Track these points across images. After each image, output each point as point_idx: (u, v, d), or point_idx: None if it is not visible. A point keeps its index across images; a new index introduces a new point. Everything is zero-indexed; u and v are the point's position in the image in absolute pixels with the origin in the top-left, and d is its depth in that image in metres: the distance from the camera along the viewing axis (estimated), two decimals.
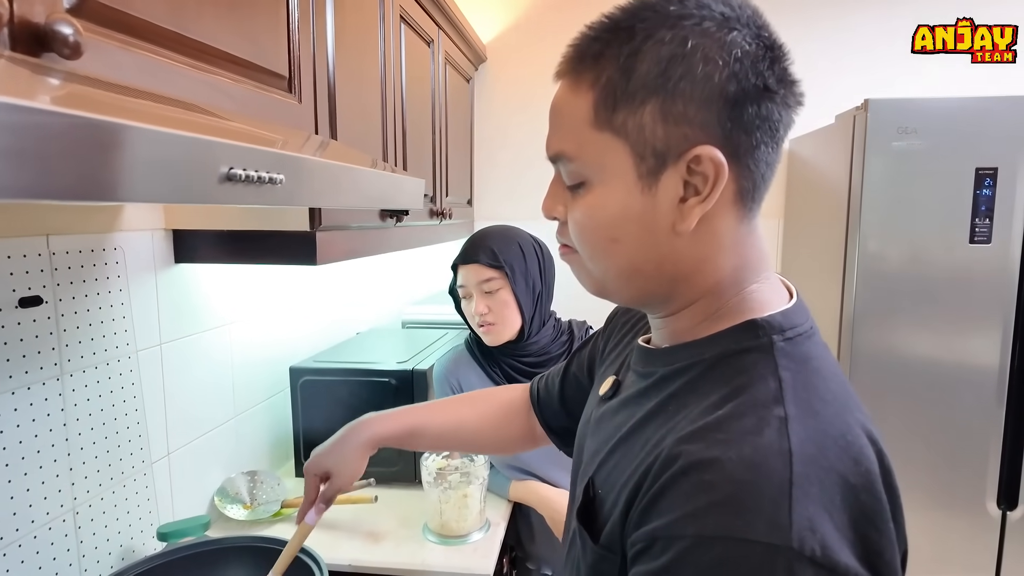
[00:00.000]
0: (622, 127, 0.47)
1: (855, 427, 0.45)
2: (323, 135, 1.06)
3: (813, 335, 0.51)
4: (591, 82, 0.47)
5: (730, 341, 0.49)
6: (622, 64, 0.46)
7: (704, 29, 0.45)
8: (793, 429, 0.42)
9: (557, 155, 0.51)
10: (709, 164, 0.45)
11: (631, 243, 0.49)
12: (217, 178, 0.45)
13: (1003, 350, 1.63)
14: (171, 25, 0.68)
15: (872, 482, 0.43)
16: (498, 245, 1.28)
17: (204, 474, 1.26)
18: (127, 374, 1.02)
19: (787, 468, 0.40)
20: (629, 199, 0.48)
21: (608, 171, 0.48)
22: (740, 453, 0.41)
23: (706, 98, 0.45)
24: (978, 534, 1.68)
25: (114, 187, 0.38)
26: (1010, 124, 1.57)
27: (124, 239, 1.02)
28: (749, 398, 0.45)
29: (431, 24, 1.72)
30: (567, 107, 0.49)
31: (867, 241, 1.66)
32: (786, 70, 0.47)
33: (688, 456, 0.43)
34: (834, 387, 0.48)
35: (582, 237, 0.51)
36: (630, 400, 0.56)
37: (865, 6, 2.17)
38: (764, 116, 0.46)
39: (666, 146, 0.46)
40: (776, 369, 0.46)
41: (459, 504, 1.20)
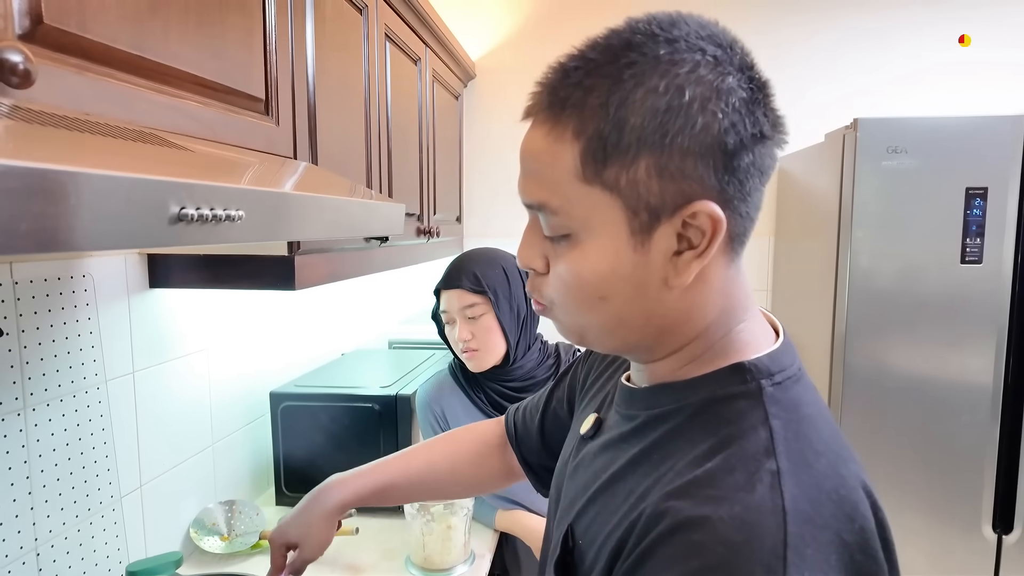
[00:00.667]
0: (615, 183, 0.43)
1: (849, 480, 0.43)
2: (303, 158, 1.03)
3: (802, 377, 0.49)
4: (575, 131, 0.44)
5: (716, 386, 0.47)
6: (613, 116, 0.42)
7: (699, 76, 0.42)
8: (786, 484, 0.40)
9: (538, 205, 0.47)
10: (706, 219, 0.43)
11: (620, 300, 0.46)
12: (167, 219, 0.42)
13: (996, 371, 1.61)
14: (132, 48, 0.65)
15: (867, 540, 0.41)
16: (481, 269, 1.25)
17: (179, 506, 1.22)
18: (95, 405, 0.99)
19: (781, 528, 0.38)
20: (620, 257, 0.45)
21: (598, 227, 0.45)
22: (731, 512, 0.39)
23: (704, 151, 0.42)
24: (974, 558, 1.66)
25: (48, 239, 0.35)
26: (1000, 144, 1.56)
27: (95, 265, 0.99)
28: (739, 450, 0.43)
29: (418, 42, 1.71)
30: (547, 156, 0.45)
31: (859, 259, 1.64)
32: (775, 111, 0.45)
33: (676, 514, 0.41)
34: (826, 436, 0.45)
35: (567, 294, 0.48)
36: (611, 443, 0.53)
37: (855, 25, 2.17)
38: (759, 164, 0.44)
39: (661, 201, 0.43)
40: (766, 418, 0.44)
41: (443, 536, 1.17)
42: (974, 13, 2.10)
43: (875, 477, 1.62)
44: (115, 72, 0.64)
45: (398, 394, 1.35)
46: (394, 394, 1.35)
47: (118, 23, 0.63)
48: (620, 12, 0.49)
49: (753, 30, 2.21)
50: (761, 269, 2.31)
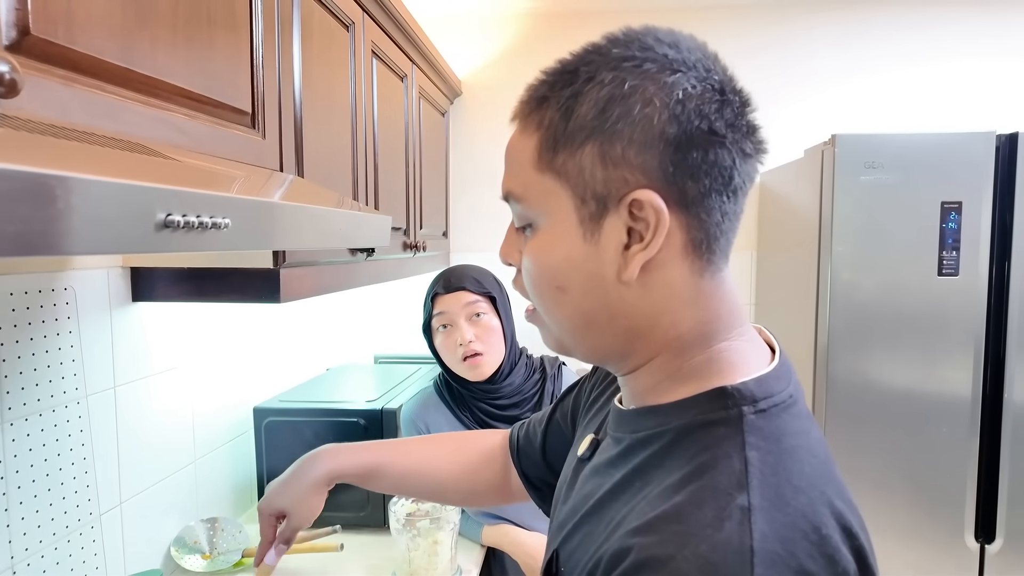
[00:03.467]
0: (563, 168, 0.45)
1: (831, 519, 0.40)
2: (289, 172, 1.03)
3: (792, 405, 0.46)
4: (536, 124, 0.47)
5: (697, 411, 0.45)
6: (563, 106, 0.45)
7: (644, 71, 0.43)
8: (756, 523, 0.38)
9: (507, 195, 0.50)
10: (650, 210, 0.43)
11: (577, 292, 0.47)
12: (153, 225, 0.42)
13: (975, 381, 1.64)
14: (120, 61, 0.66)
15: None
16: (479, 275, 1.29)
17: (160, 523, 1.19)
18: (75, 420, 0.97)
19: (747, 570, 0.36)
20: (572, 245, 0.46)
21: (552, 214, 0.47)
22: (696, 551, 0.37)
23: (646, 140, 0.43)
24: (958, 568, 1.67)
25: (34, 243, 0.35)
26: (973, 159, 1.60)
27: (76, 278, 0.98)
28: (710, 482, 0.41)
29: (404, 59, 1.72)
30: (516, 148, 0.49)
31: (839, 273, 1.67)
32: (739, 114, 0.45)
33: (640, 552, 0.39)
34: (809, 470, 0.43)
35: (532, 285, 0.50)
36: (601, 467, 0.53)
37: (833, 44, 2.23)
38: (712, 162, 0.43)
39: (606, 189, 0.44)
40: (743, 448, 0.42)
41: (429, 551, 1.15)
42: (949, 32, 2.17)
43: (858, 488, 1.62)
44: (103, 84, 0.64)
45: (384, 408, 1.35)
46: (380, 408, 1.35)
47: (106, 36, 0.64)
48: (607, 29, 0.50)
49: (732, 47, 2.26)
50: (744, 283, 2.34)
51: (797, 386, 0.49)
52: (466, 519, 1.30)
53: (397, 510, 1.18)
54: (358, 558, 1.25)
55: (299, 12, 1.07)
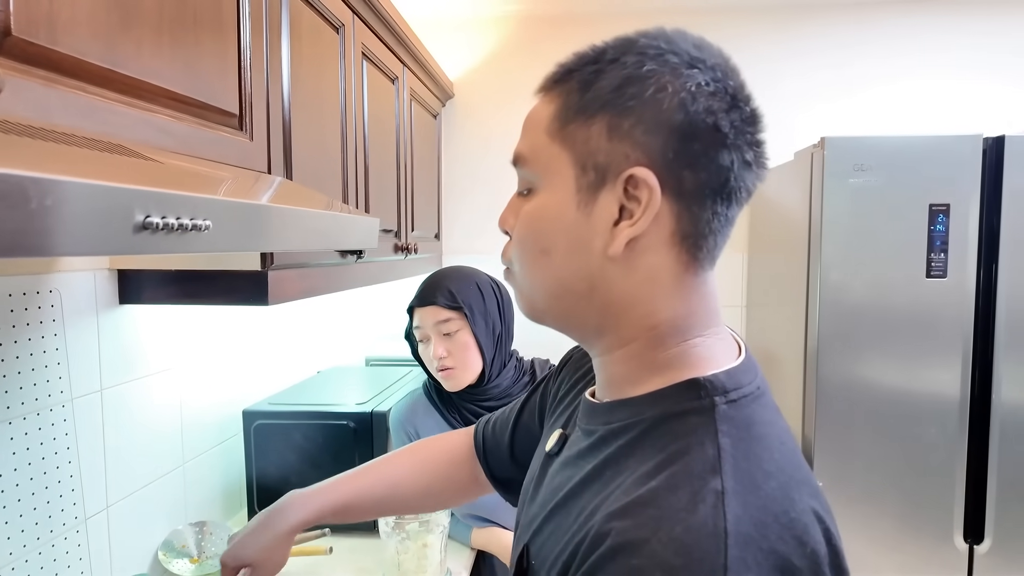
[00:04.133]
0: (570, 137, 0.47)
1: (800, 502, 0.42)
2: (277, 174, 1.03)
3: (760, 396, 0.48)
4: (557, 94, 0.49)
5: (671, 402, 0.46)
6: (585, 78, 0.47)
7: (665, 59, 0.46)
8: (730, 505, 0.39)
9: (516, 157, 0.52)
10: (644, 188, 0.45)
11: (560, 257, 0.48)
12: (131, 227, 0.42)
13: (963, 383, 1.65)
14: (103, 62, 0.65)
15: (818, 564, 0.40)
16: (455, 286, 1.24)
17: (147, 527, 1.19)
18: (60, 423, 0.96)
19: (721, 552, 0.37)
20: (565, 210, 0.48)
21: (552, 179, 0.48)
22: (671, 534, 0.38)
23: (653, 122, 0.45)
24: (946, 569, 1.67)
25: (9, 244, 0.35)
26: (960, 162, 1.61)
27: (62, 280, 0.97)
28: (684, 468, 0.42)
29: (395, 61, 1.72)
30: (534, 115, 0.51)
31: (828, 274, 1.68)
32: (747, 123, 0.47)
33: (617, 536, 0.40)
34: (779, 457, 0.44)
35: (518, 245, 0.51)
36: (571, 460, 0.53)
37: (823, 46, 2.24)
38: (711, 158, 0.45)
39: (607, 161, 0.46)
40: (716, 435, 0.43)
41: (418, 554, 1.15)
42: (937, 37, 2.19)
43: (847, 489, 1.63)
44: (85, 85, 0.64)
45: (374, 411, 1.34)
46: (369, 411, 1.34)
47: (89, 37, 0.64)
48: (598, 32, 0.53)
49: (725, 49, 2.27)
50: (735, 285, 2.35)
51: (763, 380, 0.51)
52: (455, 522, 1.30)
53: None
54: (347, 561, 1.25)
55: (288, 14, 1.07)
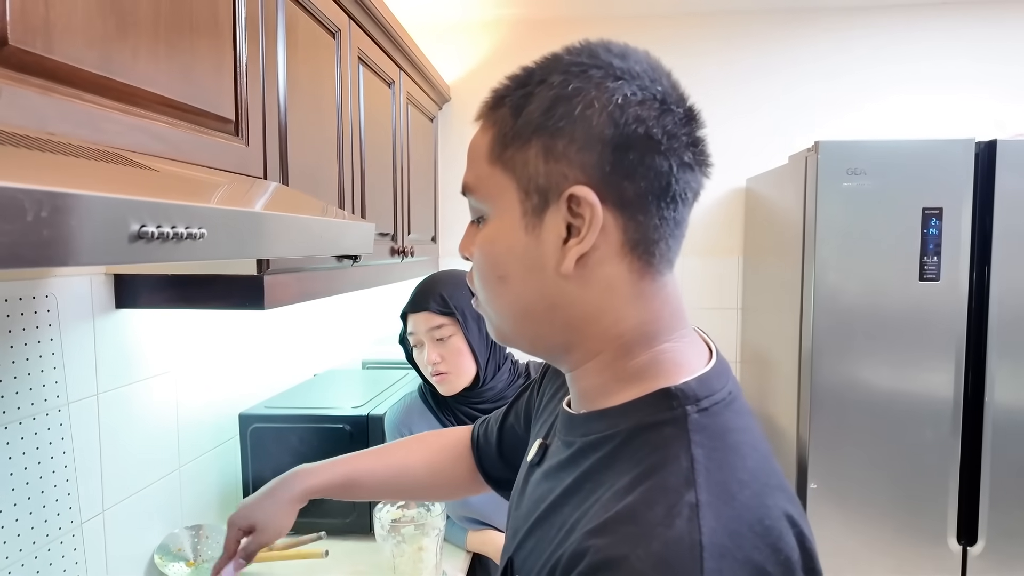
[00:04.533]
0: (510, 162, 0.48)
1: (774, 509, 0.43)
2: (273, 179, 1.03)
3: (733, 401, 0.48)
4: (492, 121, 0.50)
5: (643, 413, 0.47)
6: (515, 103, 0.48)
7: (588, 76, 0.47)
8: (704, 518, 0.40)
9: (464, 188, 0.53)
10: (586, 206, 0.46)
11: (518, 282, 0.49)
12: (127, 237, 0.42)
13: (956, 385, 1.66)
14: (99, 70, 0.66)
15: (791, 569, 0.41)
16: (448, 291, 1.24)
17: (143, 531, 1.19)
18: (56, 428, 0.97)
19: (697, 565, 0.38)
20: (515, 235, 0.49)
21: (499, 206, 0.50)
22: (648, 550, 0.39)
23: (586, 139, 0.46)
24: (940, 570, 1.68)
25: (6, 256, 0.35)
26: (953, 166, 1.63)
27: (58, 285, 0.98)
28: (660, 482, 0.43)
29: (392, 65, 1.73)
30: (474, 144, 0.52)
31: (823, 277, 1.69)
32: (680, 125, 0.47)
33: (596, 553, 0.41)
34: (752, 464, 0.45)
35: (478, 275, 0.53)
36: (552, 471, 0.54)
37: (817, 50, 2.26)
38: (648, 165, 0.46)
39: (548, 183, 0.47)
40: (689, 446, 0.44)
41: (414, 557, 1.16)
42: (929, 42, 2.20)
43: (842, 490, 1.65)
44: (81, 93, 0.64)
45: (370, 414, 1.35)
46: (365, 414, 1.35)
47: (85, 45, 0.64)
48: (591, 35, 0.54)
49: (718, 55, 2.28)
50: (731, 287, 2.36)
51: (735, 383, 0.51)
52: (451, 525, 1.30)
53: (382, 516, 1.18)
54: (343, 564, 1.25)
55: (284, 19, 1.07)
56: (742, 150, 2.27)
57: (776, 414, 1.95)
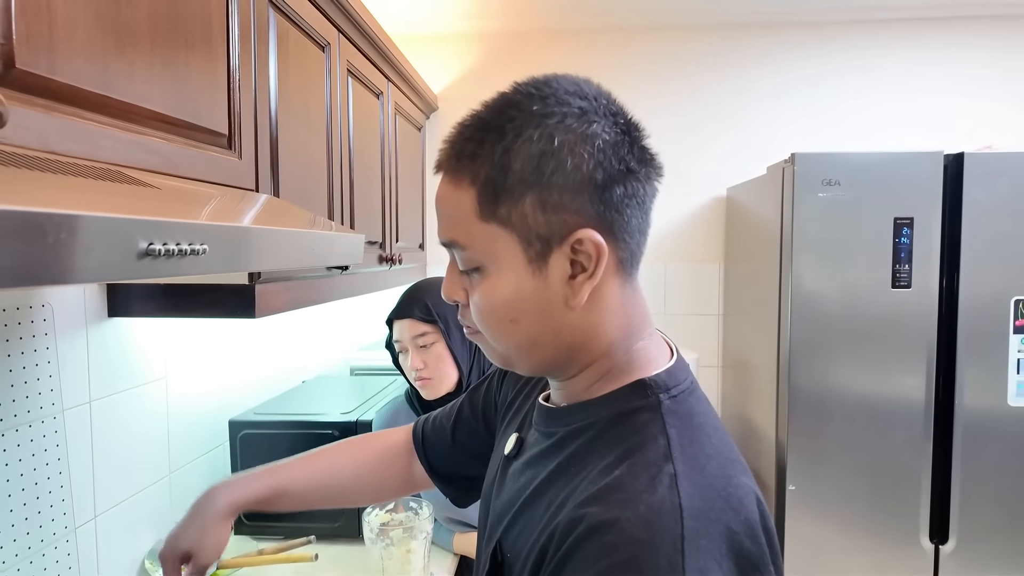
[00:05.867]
0: (507, 218, 0.51)
1: (736, 478, 0.49)
2: (265, 191, 1.06)
3: (694, 390, 0.55)
4: (471, 179, 0.51)
5: (622, 401, 0.53)
6: (497, 162, 0.50)
7: (567, 126, 0.49)
8: (682, 485, 0.46)
9: (450, 242, 0.54)
10: (591, 245, 0.50)
11: (529, 321, 0.53)
12: (135, 254, 0.45)
13: (928, 388, 1.72)
14: (98, 88, 0.68)
15: (753, 528, 0.47)
16: (432, 299, 1.27)
17: (134, 536, 1.20)
18: (51, 435, 0.98)
19: (678, 524, 0.44)
20: (522, 282, 0.52)
21: (500, 258, 0.52)
22: (637, 512, 0.45)
23: (577, 187, 0.49)
24: (913, 569, 1.74)
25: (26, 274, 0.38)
26: (922, 177, 1.69)
27: (53, 294, 1.00)
28: (642, 457, 0.49)
29: (380, 77, 1.76)
30: (452, 200, 0.53)
31: (800, 284, 1.74)
32: (644, 149, 0.52)
33: (590, 519, 0.46)
34: (715, 441, 0.52)
35: (483, 320, 0.55)
36: (533, 460, 0.59)
37: (795, 65, 2.32)
38: (631, 194, 0.51)
39: (549, 232, 0.50)
40: (664, 428, 0.51)
41: (402, 560, 1.18)
42: (901, 60, 2.27)
43: (819, 492, 1.69)
44: (81, 111, 0.67)
45: (358, 420, 1.37)
46: (354, 420, 1.37)
47: (85, 64, 0.67)
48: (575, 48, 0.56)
49: (699, 67, 2.34)
50: (712, 294, 2.41)
51: (693, 376, 0.57)
52: (437, 527, 1.33)
53: (371, 520, 1.21)
54: (332, 568, 1.27)
55: (275, 34, 1.10)
56: (723, 161, 2.33)
57: (755, 418, 1.99)
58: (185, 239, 0.50)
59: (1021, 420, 1.69)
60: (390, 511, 1.25)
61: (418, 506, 1.23)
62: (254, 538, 1.38)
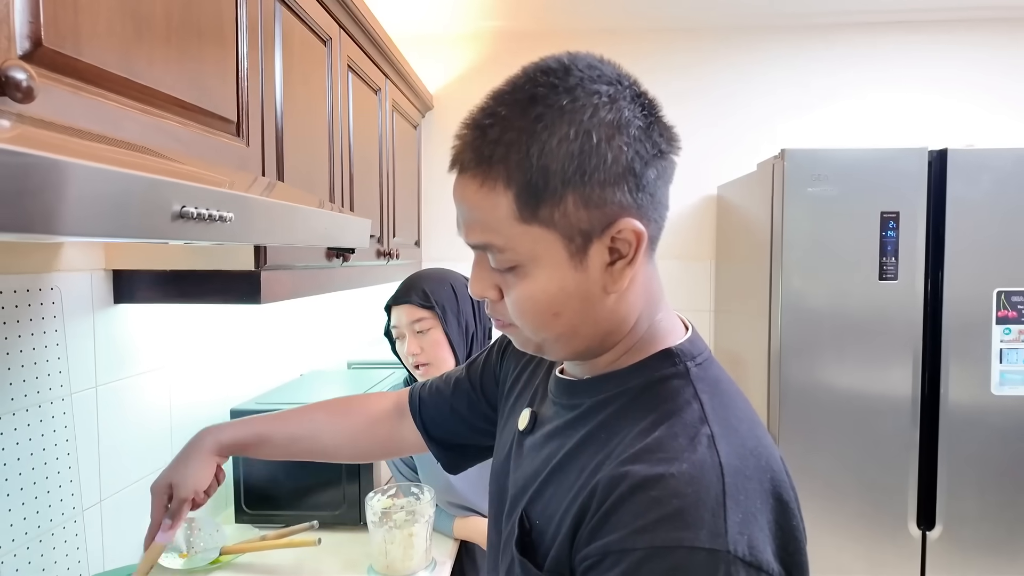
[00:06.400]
0: (549, 219, 0.50)
1: (763, 438, 0.53)
2: (270, 177, 1.08)
3: (713, 358, 0.59)
4: (506, 182, 0.50)
5: (651, 370, 0.56)
6: (536, 165, 0.49)
7: (601, 119, 0.49)
8: (720, 445, 0.49)
9: (484, 245, 0.53)
10: (630, 233, 0.51)
11: (570, 313, 0.54)
12: (170, 216, 0.48)
13: (914, 379, 1.76)
14: (121, 71, 0.71)
15: (781, 483, 0.50)
16: (430, 286, 1.31)
17: (138, 521, 1.21)
18: (60, 417, 1.00)
19: (720, 480, 0.47)
20: (565, 278, 0.52)
21: (542, 258, 0.52)
22: (681, 469, 0.47)
23: (617, 179, 0.50)
24: (902, 554, 1.78)
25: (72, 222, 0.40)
26: (908, 173, 1.74)
27: (61, 279, 1.01)
28: (679, 420, 0.51)
29: (378, 74, 1.79)
30: (485, 205, 0.51)
31: (789, 280, 1.78)
32: (668, 127, 0.53)
33: (634, 476, 0.48)
34: (741, 404, 0.55)
35: (524, 316, 0.54)
36: (557, 432, 0.60)
37: (785, 63, 2.37)
38: (661, 174, 0.53)
39: (591, 226, 0.51)
40: (696, 393, 0.53)
41: (405, 543, 1.20)
42: (888, 58, 2.34)
43: (810, 482, 1.73)
44: (106, 93, 0.69)
45: None
46: None
47: (107, 48, 0.69)
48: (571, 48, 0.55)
49: (692, 67, 2.39)
50: (704, 291, 2.45)
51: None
52: (438, 513, 1.35)
53: (373, 504, 1.23)
54: (334, 554, 1.29)
55: (281, 27, 1.13)
56: (714, 159, 2.38)
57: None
58: (215, 205, 0.52)
59: (1004, 409, 1.74)
60: (392, 496, 1.27)
61: (420, 491, 1.25)
62: (256, 526, 1.39)
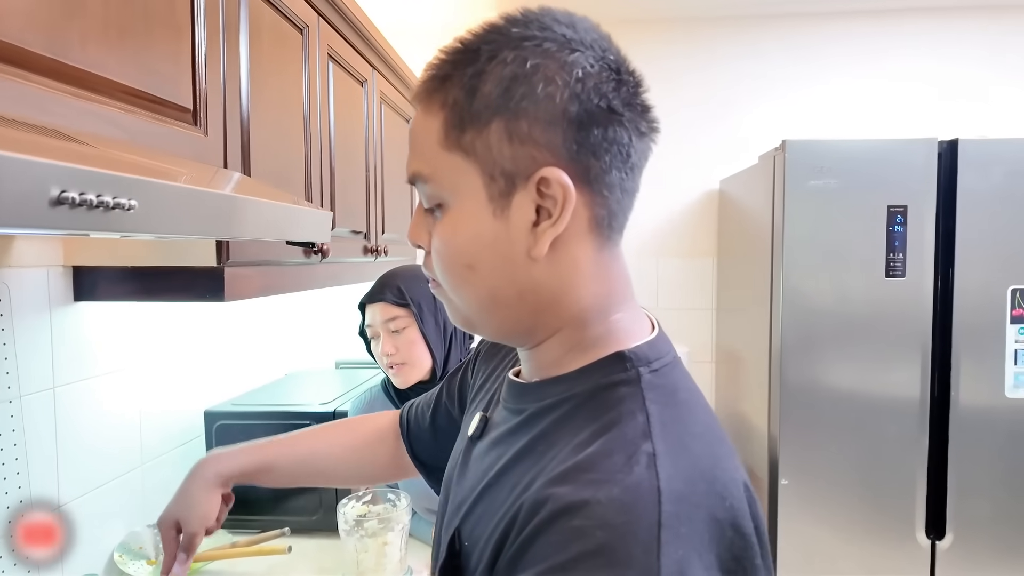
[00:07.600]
0: (471, 147, 0.46)
1: (724, 460, 0.45)
2: (234, 170, 1.03)
3: (678, 365, 0.51)
4: (440, 103, 0.47)
5: (599, 375, 0.48)
6: (467, 84, 0.46)
7: (545, 50, 0.45)
8: (662, 465, 0.41)
9: (414, 176, 0.50)
10: (558, 187, 0.45)
11: (487, 269, 0.48)
12: (47, 202, 0.42)
13: (923, 381, 1.68)
14: (47, 52, 0.66)
15: (739, 517, 0.42)
16: (406, 283, 1.26)
17: (102, 528, 1.17)
18: (7, 420, 0.95)
19: (656, 508, 0.39)
20: (481, 223, 0.47)
21: (460, 192, 0.47)
22: (610, 494, 0.40)
23: (549, 119, 0.44)
24: (909, 565, 1.70)
25: None
26: (916, 165, 1.66)
27: (12, 275, 0.97)
28: (618, 434, 0.44)
29: (364, 64, 1.73)
30: (420, 129, 0.49)
31: (791, 277, 1.71)
32: (635, 94, 0.47)
33: (556, 500, 0.41)
34: (702, 418, 0.48)
35: (441, 264, 0.50)
36: (500, 439, 0.54)
37: (785, 54, 2.30)
38: (612, 139, 0.46)
39: (514, 167, 0.45)
40: (644, 402, 0.46)
41: (378, 552, 1.15)
42: (893, 45, 2.25)
43: (812, 487, 1.66)
44: (27, 73, 0.64)
45: (336, 410, 1.34)
46: (332, 410, 1.34)
47: (30, 27, 0.64)
48: None
49: (692, 58, 2.31)
50: (706, 289, 2.38)
51: (676, 351, 0.52)
52: (417, 520, 1.29)
53: (346, 512, 1.17)
54: (308, 561, 1.24)
55: (247, 13, 1.08)
56: (715, 152, 2.30)
57: (748, 412, 1.96)
58: (108, 191, 0.47)
59: (1018, 412, 1.65)
60: (367, 503, 1.22)
61: (396, 497, 1.20)
62: (230, 531, 1.35)
